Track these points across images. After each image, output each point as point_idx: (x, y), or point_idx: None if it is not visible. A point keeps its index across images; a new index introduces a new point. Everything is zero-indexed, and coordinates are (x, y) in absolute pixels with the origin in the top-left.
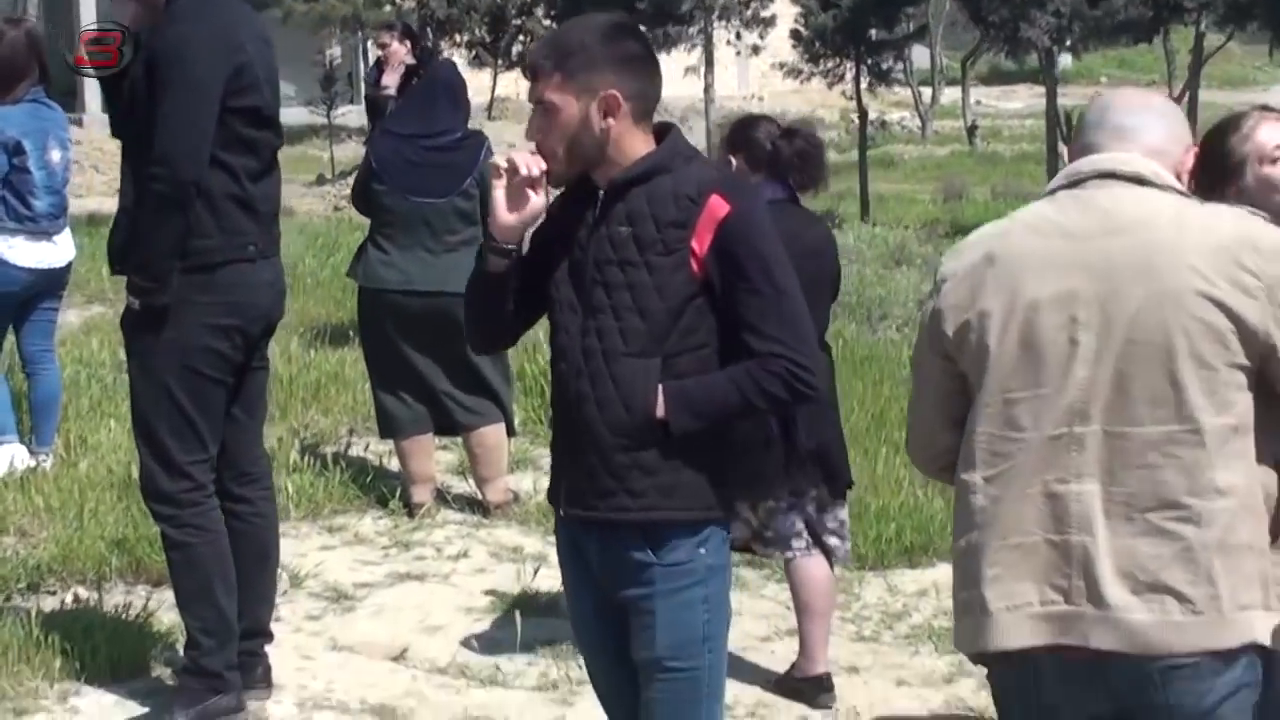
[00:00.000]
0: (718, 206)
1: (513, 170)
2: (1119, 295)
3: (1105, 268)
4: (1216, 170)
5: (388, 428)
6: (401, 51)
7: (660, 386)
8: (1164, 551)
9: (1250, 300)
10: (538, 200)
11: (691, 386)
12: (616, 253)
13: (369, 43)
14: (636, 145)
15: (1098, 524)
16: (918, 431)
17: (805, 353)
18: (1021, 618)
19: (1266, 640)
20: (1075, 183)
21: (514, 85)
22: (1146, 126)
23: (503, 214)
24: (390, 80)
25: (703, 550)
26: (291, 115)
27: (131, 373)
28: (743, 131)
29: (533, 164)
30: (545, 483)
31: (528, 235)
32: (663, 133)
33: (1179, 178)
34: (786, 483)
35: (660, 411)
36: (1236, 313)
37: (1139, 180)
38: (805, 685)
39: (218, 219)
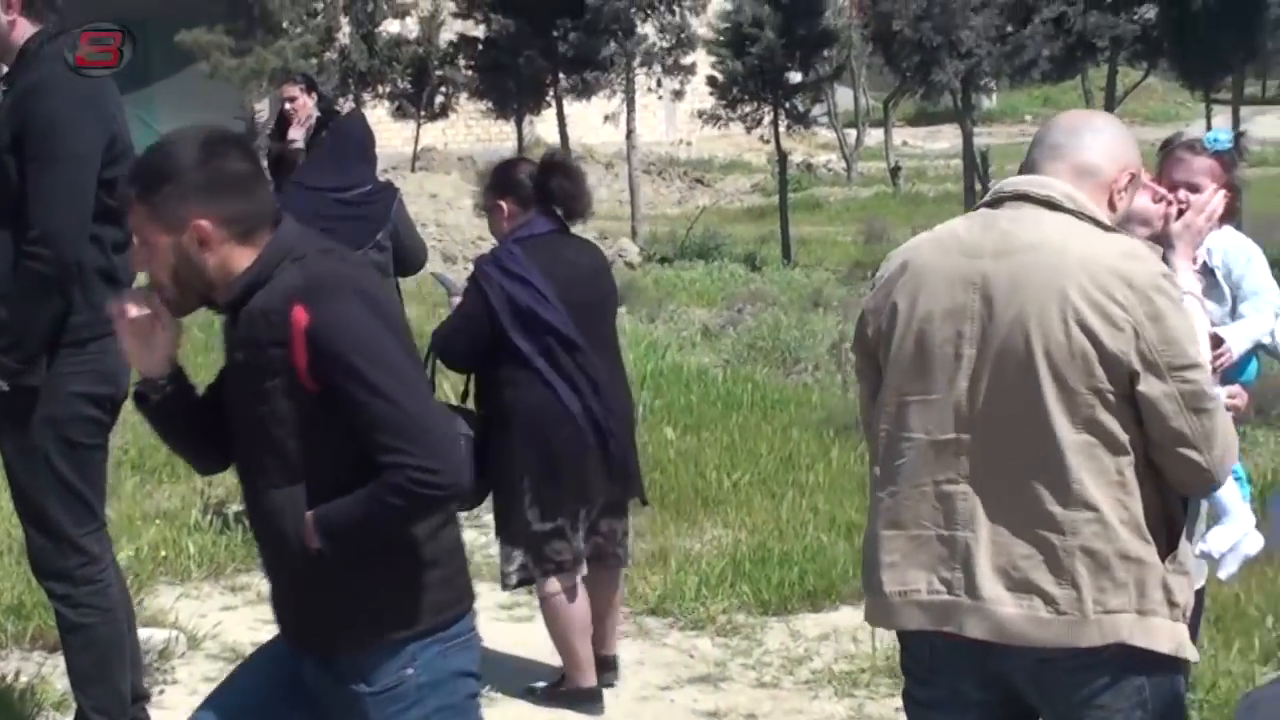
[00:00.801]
0: (299, 317)
1: (122, 313)
2: (996, 314)
3: (990, 286)
4: None
5: None
6: (310, 104)
7: (309, 514)
8: (1033, 553)
9: (1115, 331)
10: (164, 333)
11: (331, 509)
12: (241, 383)
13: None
14: (243, 263)
15: (980, 523)
16: (864, 422)
17: (421, 454)
18: (911, 603)
19: (1138, 642)
20: (994, 202)
21: (440, 135)
22: (1078, 146)
23: (133, 358)
24: (298, 134)
25: (410, 670)
26: None
27: (8, 455)
28: (504, 174)
29: (139, 304)
30: (481, 539)
31: None
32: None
33: (1113, 196)
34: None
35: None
36: (1100, 340)
37: (1049, 203)
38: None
39: (87, 294)
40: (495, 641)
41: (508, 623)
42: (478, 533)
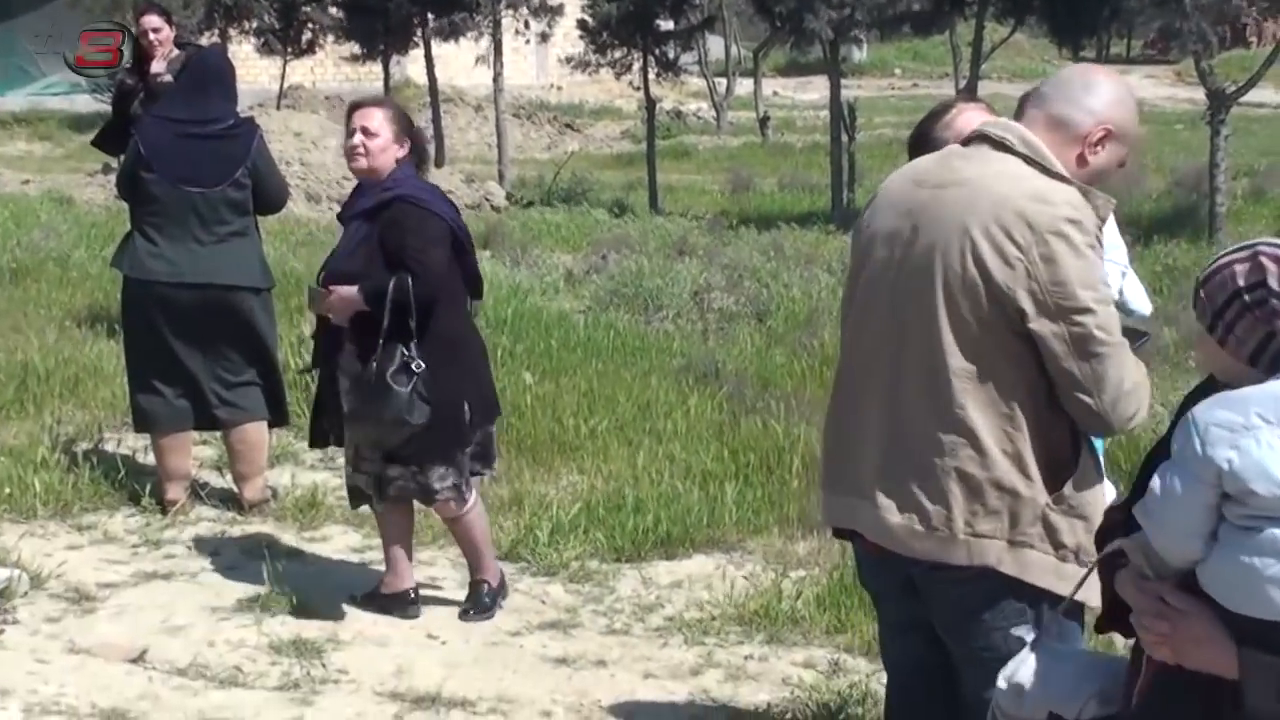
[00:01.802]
0: None
1: None
2: (917, 241)
3: (919, 215)
4: (922, 154)
5: (144, 422)
6: (171, 35)
7: None
8: (917, 470)
9: (1006, 267)
10: None
11: None
12: None
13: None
14: None
15: (885, 435)
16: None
17: None
18: (836, 502)
19: (1007, 569)
20: (968, 139)
21: (309, 73)
22: (1059, 97)
23: None
24: (162, 67)
25: None
26: (80, 103)
27: None
28: (407, 116)
29: None
30: (306, 478)
31: None
32: None
33: (1085, 150)
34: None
35: None
36: (991, 274)
37: (1002, 144)
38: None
39: None
40: (357, 585)
41: (361, 566)
42: (330, 474)
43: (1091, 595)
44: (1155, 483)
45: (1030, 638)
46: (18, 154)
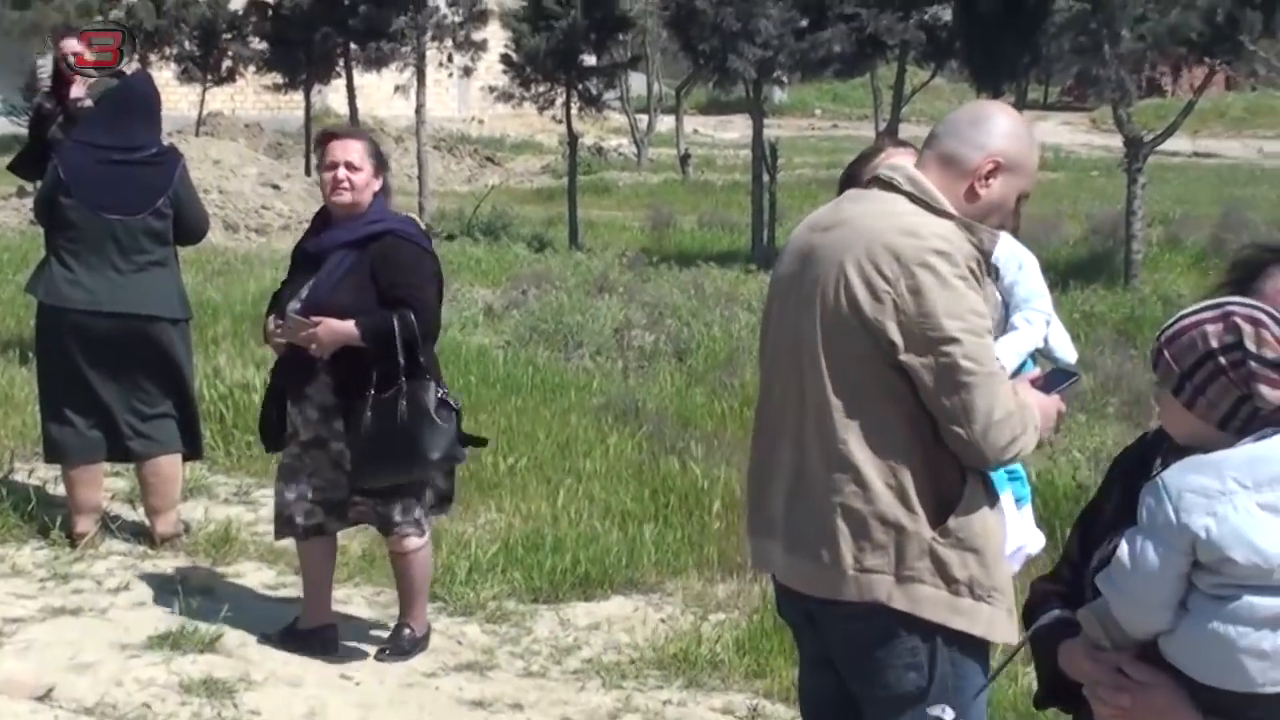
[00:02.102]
0: None
1: None
2: (804, 282)
3: (808, 258)
4: None
5: (55, 453)
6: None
7: None
8: (809, 507)
9: (875, 301)
10: None
11: None
12: None
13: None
14: None
15: (792, 477)
16: None
17: None
18: (756, 546)
19: (898, 605)
20: (867, 182)
21: (229, 101)
22: (948, 135)
23: None
24: (82, 91)
25: None
26: None
27: None
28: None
29: None
30: (220, 512)
31: None
32: None
33: (975, 184)
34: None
35: None
36: (861, 309)
37: (890, 184)
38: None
39: None
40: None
41: (275, 603)
42: (245, 508)
43: (997, 631)
44: (1124, 552)
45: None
46: None
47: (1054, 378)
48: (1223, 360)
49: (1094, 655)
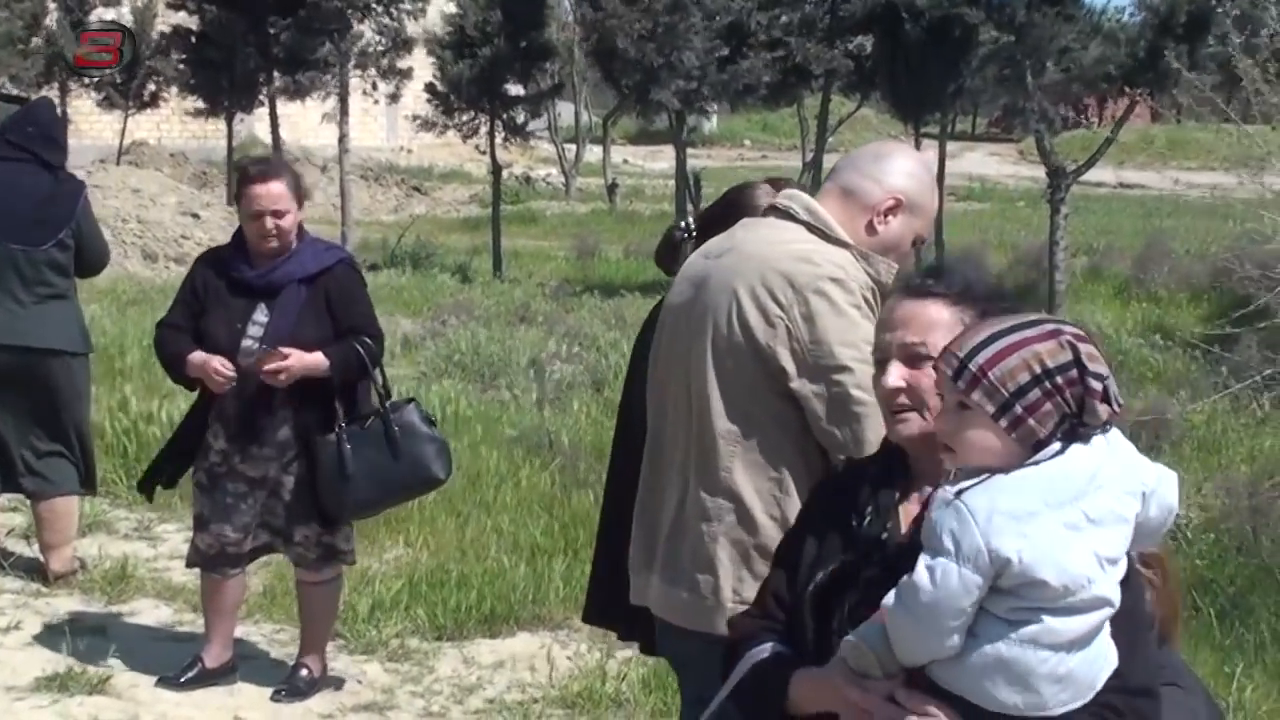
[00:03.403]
0: None
1: None
2: (695, 309)
3: (700, 284)
4: (724, 229)
5: None
6: None
7: None
8: (687, 537)
9: (768, 327)
10: None
11: None
12: None
13: None
14: None
15: (675, 508)
16: None
17: None
18: (635, 580)
19: None
20: (765, 211)
21: (155, 129)
22: (851, 168)
23: None
24: None
25: None
26: None
27: None
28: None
29: None
30: (118, 548)
31: None
32: None
33: (874, 219)
34: None
35: None
36: (754, 334)
37: (787, 213)
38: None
39: None
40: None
41: (170, 642)
42: (145, 544)
43: None
44: (922, 577)
45: None
46: None
47: None
48: (1059, 380)
49: (862, 684)
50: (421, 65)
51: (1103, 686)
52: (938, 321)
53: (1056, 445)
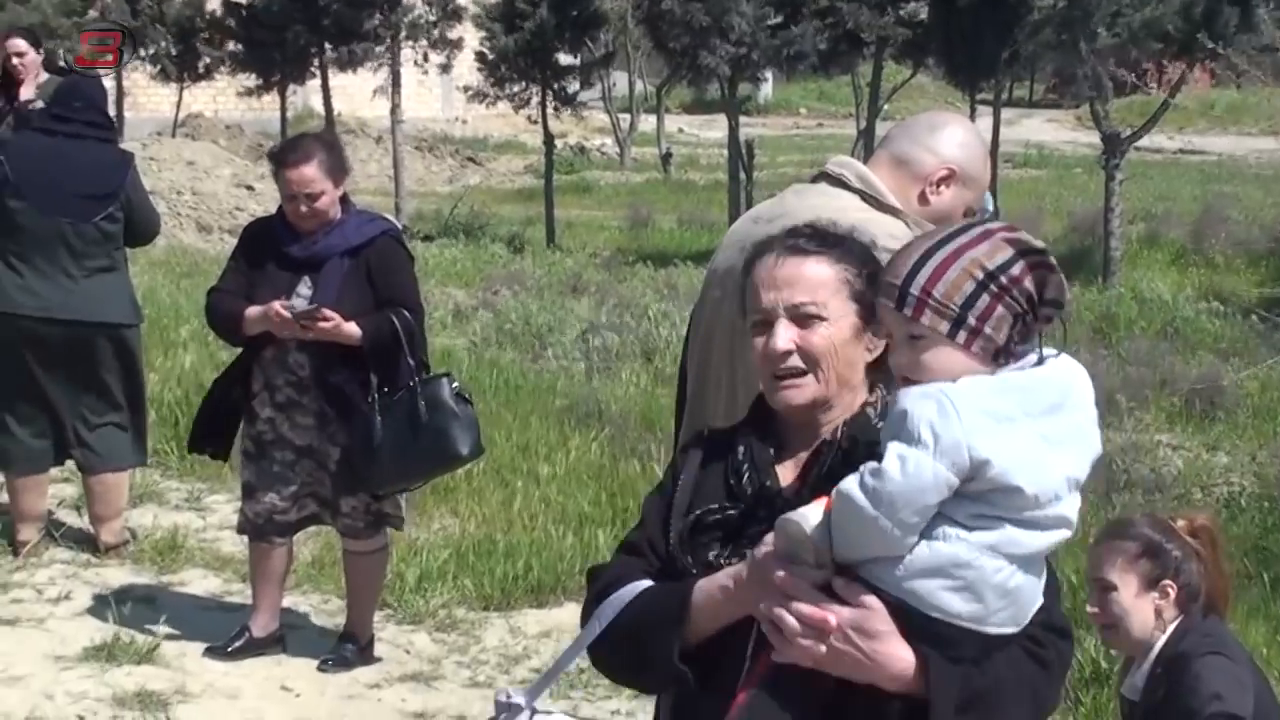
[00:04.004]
0: None
1: None
2: (736, 272)
3: (744, 249)
4: None
5: None
6: (38, 60)
7: None
8: None
9: None
10: None
11: None
12: None
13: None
14: None
15: None
16: None
17: None
18: None
19: None
20: (814, 178)
21: (212, 101)
22: (904, 137)
23: None
24: (31, 92)
25: None
26: None
27: None
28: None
29: None
30: (169, 519)
31: None
32: None
33: (926, 189)
34: None
35: None
36: None
37: (838, 180)
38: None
39: None
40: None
41: (218, 612)
42: (194, 515)
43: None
44: (892, 465)
45: None
46: None
47: None
48: (1003, 279)
49: (793, 571)
50: (473, 35)
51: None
52: (825, 279)
53: (1034, 357)
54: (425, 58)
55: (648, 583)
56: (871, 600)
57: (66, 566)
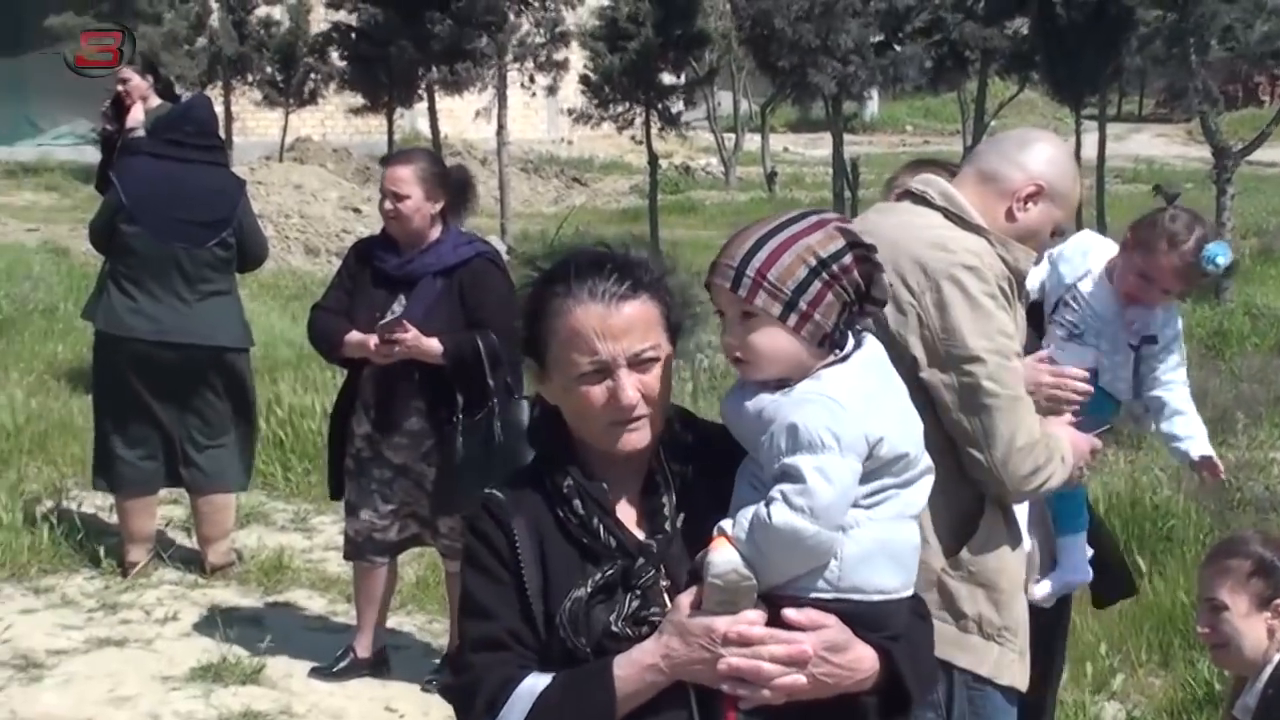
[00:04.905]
0: None
1: None
2: None
3: None
4: None
5: (110, 482)
6: (145, 84)
7: None
8: None
9: (899, 314)
10: None
11: None
12: None
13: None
14: None
15: None
16: None
17: None
18: None
19: None
20: (898, 196)
21: (320, 125)
22: (991, 153)
23: None
24: (138, 118)
25: None
26: (88, 154)
27: None
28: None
29: None
30: (275, 540)
31: None
32: None
33: (1013, 205)
34: None
35: None
36: (885, 322)
37: (922, 198)
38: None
39: None
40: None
41: (323, 633)
42: (300, 536)
43: (1005, 673)
44: (816, 480)
45: None
46: (24, 204)
47: (1090, 419)
48: (835, 268)
49: (736, 619)
50: (578, 57)
51: None
52: (653, 319)
53: (852, 340)
54: (531, 80)
55: (544, 678)
56: (826, 617)
57: (174, 587)
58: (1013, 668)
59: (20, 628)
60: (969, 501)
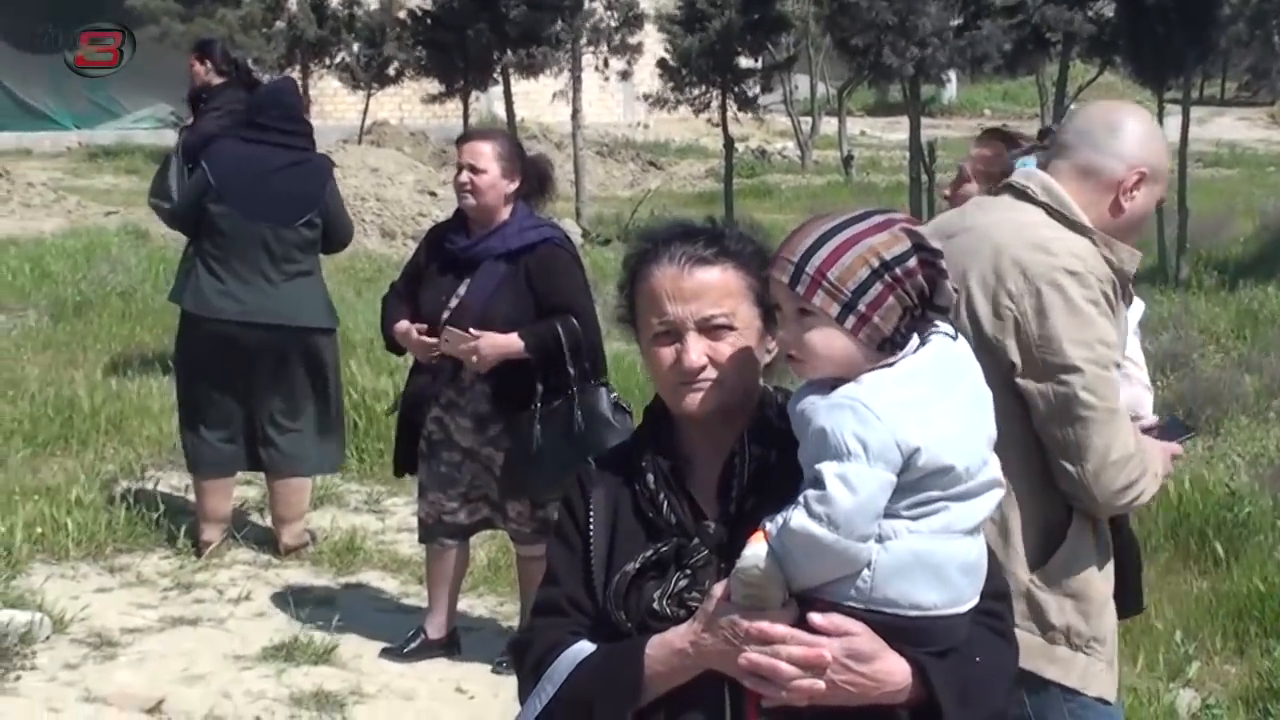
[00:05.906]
0: None
1: None
2: None
3: None
4: None
5: (189, 461)
6: (202, 72)
7: None
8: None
9: (996, 319)
10: None
11: None
12: None
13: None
14: None
15: None
16: None
17: None
18: None
19: None
20: (998, 189)
21: (398, 109)
22: (1084, 145)
23: None
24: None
25: None
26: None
27: None
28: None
29: None
30: (348, 521)
31: None
32: None
33: (1119, 196)
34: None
35: None
36: (981, 325)
37: (1024, 193)
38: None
39: None
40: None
41: (395, 614)
42: (373, 517)
43: (1094, 685)
44: (837, 487)
45: None
46: (105, 187)
47: (1171, 428)
48: (898, 271)
49: (765, 618)
50: (654, 40)
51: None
52: (732, 289)
53: (916, 340)
54: (605, 64)
55: (588, 647)
56: (853, 624)
57: (248, 567)
58: (1100, 678)
59: (96, 606)
60: (1057, 511)
